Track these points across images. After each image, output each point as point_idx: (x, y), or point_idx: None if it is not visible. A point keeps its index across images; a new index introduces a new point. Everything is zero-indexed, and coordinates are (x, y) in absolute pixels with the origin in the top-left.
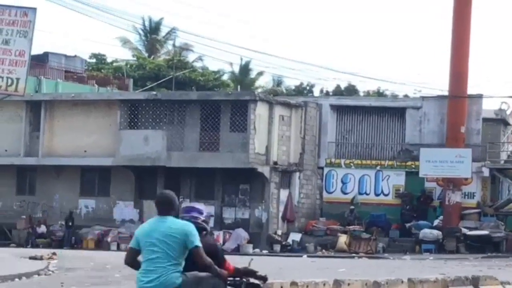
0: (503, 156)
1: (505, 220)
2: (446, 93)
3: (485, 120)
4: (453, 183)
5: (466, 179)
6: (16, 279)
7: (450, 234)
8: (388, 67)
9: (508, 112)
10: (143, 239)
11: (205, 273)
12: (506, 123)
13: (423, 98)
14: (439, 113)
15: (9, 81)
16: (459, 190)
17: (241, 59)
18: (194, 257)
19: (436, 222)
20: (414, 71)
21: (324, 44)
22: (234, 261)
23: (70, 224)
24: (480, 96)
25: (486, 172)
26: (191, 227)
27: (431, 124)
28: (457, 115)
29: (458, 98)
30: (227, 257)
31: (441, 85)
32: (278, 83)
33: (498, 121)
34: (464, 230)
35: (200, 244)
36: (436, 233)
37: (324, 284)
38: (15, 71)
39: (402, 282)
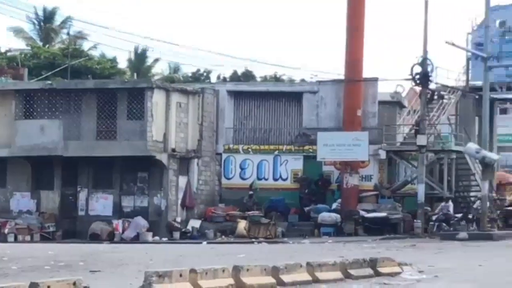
0: (399, 138)
1: (402, 201)
2: (342, 77)
3: (381, 103)
4: (351, 166)
5: (363, 162)
6: None
7: (348, 217)
8: (285, 52)
9: (403, 95)
10: None
11: None
12: (401, 106)
13: (319, 82)
14: (336, 97)
15: None
16: (356, 173)
17: (137, 46)
18: None
19: (334, 206)
20: (310, 56)
21: (220, 30)
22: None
23: None
24: (375, 80)
25: (383, 155)
26: None
27: (328, 108)
28: (353, 98)
29: (353, 82)
30: (126, 246)
31: (337, 70)
32: (175, 70)
33: (393, 103)
34: (362, 213)
35: None
36: (335, 216)
37: (223, 271)
38: None
39: (301, 266)
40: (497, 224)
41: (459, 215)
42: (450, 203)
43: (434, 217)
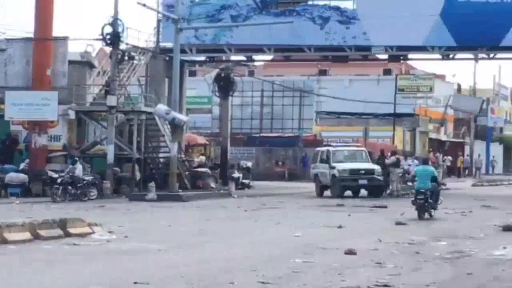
0: (89, 98)
1: (91, 162)
2: (31, 35)
3: (71, 62)
4: (39, 126)
5: (52, 121)
6: None
7: (37, 177)
8: None
9: (93, 55)
10: None
11: None
12: (92, 66)
13: (7, 40)
14: (25, 55)
15: None
16: (45, 133)
17: None
18: None
19: (22, 166)
20: None
21: None
22: None
23: None
24: (65, 38)
25: (72, 115)
26: None
27: (16, 66)
28: (43, 57)
29: (43, 41)
30: None
31: (27, 28)
32: None
33: (84, 63)
34: (51, 173)
35: None
36: (22, 176)
37: None
38: None
39: None
40: (186, 185)
41: (89, 178)
42: (79, 165)
43: (59, 180)
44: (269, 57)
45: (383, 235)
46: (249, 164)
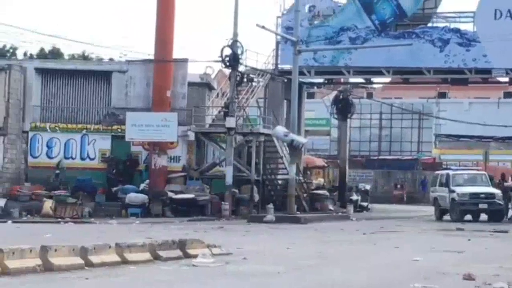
0: (208, 120)
1: (210, 183)
2: (152, 57)
3: (191, 84)
4: (159, 147)
5: (172, 143)
6: None
7: (156, 198)
8: (93, 30)
9: (212, 76)
10: None
11: None
12: (211, 87)
13: (128, 61)
14: (145, 77)
15: None
16: (165, 154)
17: None
18: None
19: (142, 186)
20: (119, 35)
21: (27, 5)
22: None
23: None
24: (185, 60)
25: (191, 136)
26: None
27: (137, 88)
28: (163, 79)
29: (163, 62)
30: None
31: (147, 49)
32: None
33: (203, 85)
34: (170, 194)
35: None
36: (142, 197)
37: (30, 251)
38: None
39: (110, 247)
40: (304, 207)
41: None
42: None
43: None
44: (387, 79)
45: (504, 261)
46: (368, 186)
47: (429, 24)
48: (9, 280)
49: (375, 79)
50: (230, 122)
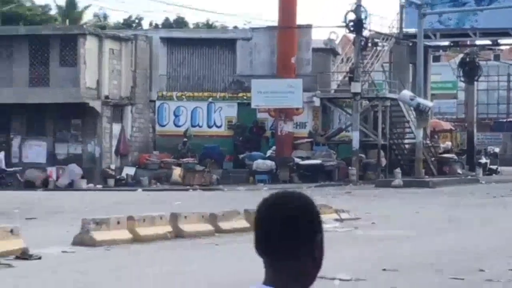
0: (333, 85)
1: (336, 148)
2: (276, 24)
3: (315, 50)
4: (285, 114)
5: (297, 109)
6: None
7: (283, 164)
8: None
9: (337, 42)
10: None
11: None
12: (335, 53)
13: (253, 29)
14: (269, 44)
15: None
16: (291, 120)
17: None
18: None
19: (269, 153)
20: (243, 2)
21: None
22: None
23: None
24: (309, 27)
25: (317, 102)
26: None
27: (261, 55)
28: (287, 45)
29: (287, 29)
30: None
31: (271, 16)
32: (104, 17)
33: (327, 50)
34: (297, 160)
35: None
36: (270, 163)
37: (161, 218)
38: None
39: (239, 213)
40: (432, 170)
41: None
42: (1, 156)
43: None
44: None
45: None
46: (497, 149)
47: None
48: (140, 246)
49: (502, 41)
50: (356, 87)
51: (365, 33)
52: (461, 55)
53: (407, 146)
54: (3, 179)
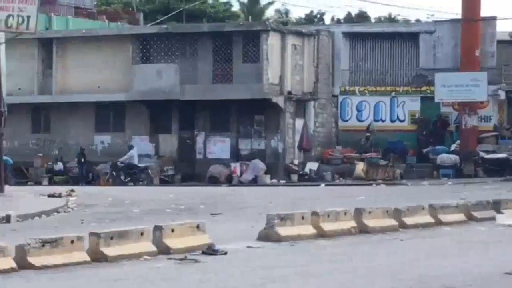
0: None
1: None
2: (459, 16)
3: (500, 42)
4: (469, 107)
5: (482, 102)
6: (36, 217)
7: (468, 158)
8: None
9: None
10: None
11: None
12: None
13: (435, 22)
14: (453, 37)
15: (20, 19)
16: (475, 113)
17: None
18: None
19: (453, 147)
20: None
21: None
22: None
23: (83, 160)
24: (494, 18)
25: (502, 95)
26: None
27: (445, 48)
28: (471, 38)
29: (471, 21)
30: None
31: (454, 9)
32: (286, 13)
33: None
34: (482, 154)
35: None
36: (454, 157)
37: (345, 213)
38: (25, 9)
39: (423, 208)
40: None
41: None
42: (134, 152)
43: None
44: None
45: None
46: None
47: None
48: (325, 242)
49: None
50: None
51: None
52: None
53: None
54: (135, 174)
